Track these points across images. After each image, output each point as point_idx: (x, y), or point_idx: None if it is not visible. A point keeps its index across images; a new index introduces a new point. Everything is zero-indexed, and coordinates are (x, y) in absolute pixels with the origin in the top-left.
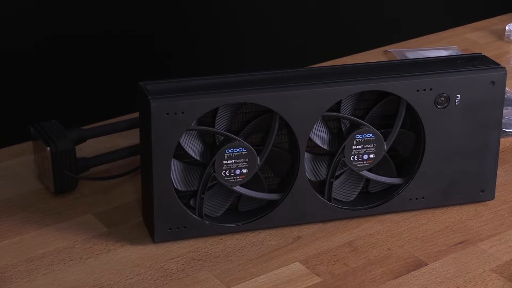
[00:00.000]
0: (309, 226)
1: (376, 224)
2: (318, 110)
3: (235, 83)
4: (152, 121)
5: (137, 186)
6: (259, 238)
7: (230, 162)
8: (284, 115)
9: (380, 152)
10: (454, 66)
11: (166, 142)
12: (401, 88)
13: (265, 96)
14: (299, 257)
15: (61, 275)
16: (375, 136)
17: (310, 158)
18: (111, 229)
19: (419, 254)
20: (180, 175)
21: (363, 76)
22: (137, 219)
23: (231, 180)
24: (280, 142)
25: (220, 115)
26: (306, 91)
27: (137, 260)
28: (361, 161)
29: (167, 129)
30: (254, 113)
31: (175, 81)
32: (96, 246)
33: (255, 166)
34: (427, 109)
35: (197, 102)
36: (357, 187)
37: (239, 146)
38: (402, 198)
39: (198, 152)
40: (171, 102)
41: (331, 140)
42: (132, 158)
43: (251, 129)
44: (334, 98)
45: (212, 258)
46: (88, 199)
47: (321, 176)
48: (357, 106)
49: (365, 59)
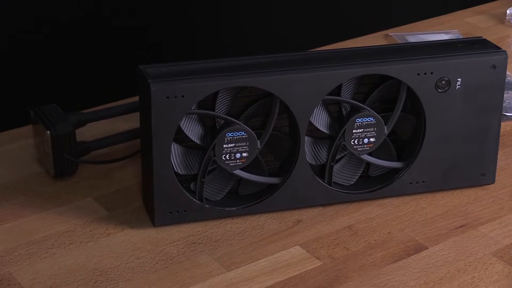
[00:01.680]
0: (309, 210)
1: (376, 208)
2: (319, 94)
3: (235, 66)
4: (152, 104)
5: (137, 169)
6: (259, 221)
7: (230, 146)
8: (285, 98)
9: (380, 136)
10: (455, 50)
11: (166, 125)
12: (401, 72)
13: (265, 80)
14: (300, 241)
15: (61, 258)
16: (376, 120)
17: (310, 142)
18: (111, 212)
19: (419, 238)
20: (180, 159)
21: (364, 60)
22: (137, 202)
23: (231, 164)
24: (281, 126)
25: (220, 98)
26: (306, 74)
27: (137, 244)
28: (361, 145)
29: (167, 112)
30: (254, 97)
31: (175, 64)
32: (96, 230)
33: (255, 150)
34: (428, 93)
35: (197, 85)
36: (358, 171)
37: (239, 130)
38: (403, 182)
39: (198, 136)
40: (171, 85)
41: (331, 124)
42: (132, 142)
43: (252, 112)
44: (334, 82)
45: (212, 242)
46: (88, 183)
47: (321, 160)
48: (357, 90)
49: (366, 43)
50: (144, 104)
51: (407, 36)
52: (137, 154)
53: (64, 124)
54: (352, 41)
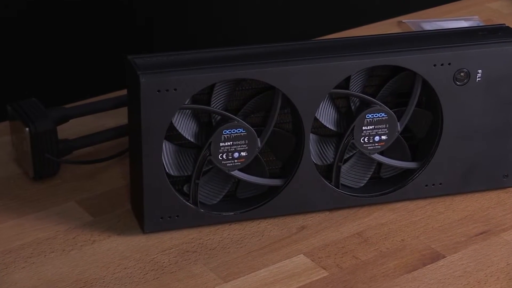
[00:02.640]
0: (314, 215)
1: (388, 213)
2: (325, 87)
3: (233, 57)
4: (141, 99)
5: (125, 170)
6: (259, 228)
7: (227, 144)
8: (287, 92)
9: (393, 133)
10: (475, 38)
11: (157, 122)
12: (416, 62)
13: (266, 72)
14: (304, 249)
15: (41, 268)
16: (388, 116)
17: (315, 140)
18: (96, 218)
19: (436, 245)
20: (172, 159)
21: (375, 50)
22: (125, 207)
23: (228, 164)
24: (283, 122)
25: (216, 92)
26: (311, 65)
27: (125, 252)
28: (372, 143)
29: (158, 107)
30: (254, 90)
31: (167, 54)
32: (79, 237)
33: (255, 149)
34: (445, 85)
35: (191, 78)
36: (368, 172)
37: (238, 127)
38: (417, 184)
39: (193, 133)
40: (163, 77)
41: (339, 120)
42: (120, 140)
43: (251, 107)
44: (342, 74)
45: (207, 250)
46: (71, 185)
47: (328, 160)
48: (368, 83)
49: (377, 31)
50: (133, 98)
51: (423, 23)
52: (125, 154)
53: (45, 121)
54: (361, 28)
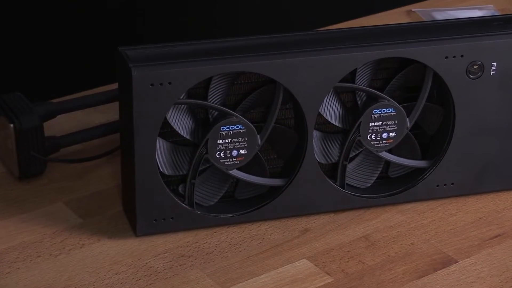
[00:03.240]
0: (318, 217)
1: (397, 215)
2: (329, 81)
3: (231, 48)
4: (133, 93)
5: (116, 170)
6: (259, 231)
7: (225, 141)
8: (289, 86)
9: (402, 130)
10: (489, 28)
11: (150, 118)
12: (427, 54)
13: (266, 64)
14: (307, 253)
15: (27, 274)
16: (396, 111)
17: (319, 137)
18: (85, 220)
19: (447, 249)
20: (166, 157)
21: (382, 41)
22: (116, 208)
23: (226, 163)
24: (285, 118)
25: (214, 86)
26: (315, 58)
27: (116, 257)
28: (379, 141)
29: (152, 102)
30: (253, 84)
31: (161, 46)
32: (68, 240)
33: (255, 147)
34: (458, 79)
35: (187, 70)
36: (375, 171)
37: (236, 123)
38: (428, 184)
39: (188, 130)
40: (156, 70)
41: (344, 116)
42: (110, 137)
43: (251, 102)
44: (348, 66)
45: (204, 255)
46: (58, 185)
47: (332, 158)
48: (375, 76)
49: (385, 21)
50: (125, 93)
51: (434, 12)
52: (116, 152)
53: (30, 117)
54: (368, 18)
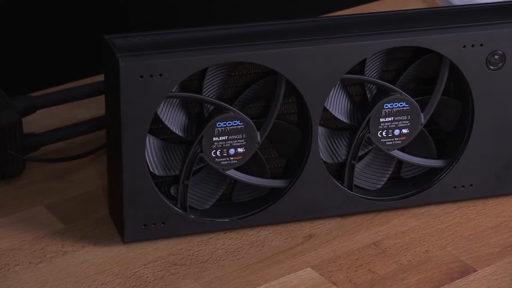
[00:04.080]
0: (323, 222)
1: (410, 219)
2: (336, 72)
3: (228, 36)
4: (121, 86)
5: (101, 170)
6: (259, 237)
7: (222, 139)
8: (292, 78)
9: (415, 126)
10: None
11: (139, 113)
12: (443, 43)
13: (267, 54)
14: (312, 262)
15: (4, 284)
16: (410, 106)
17: (325, 133)
18: (68, 225)
19: (465, 257)
20: (157, 156)
21: (395, 28)
22: (102, 212)
23: (223, 162)
24: (287, 113)
25: (209, 78)
26: (320, 47)
27: (102, 266)
28: (391, 138)
29: (141, 96)
30: (253, 76)
31: (151, 34)
32: (49, 247)
33: (255, 144)
34: (477, 70)
35: (180, 61)
36: (386, 172)
37: (234, 119)
38: (444, 185)
39: (181, 126)
40: (146, 61)
41: (352, 111)
42: (96, 134)
43: (249, 96)
44: (356, 56)
45: (199, 263)
46: (38, 187)
47: (339, 157)
48: (386, 67)
49: (398, 6)
50: (111, 86)
51: None
52: (102, 150)
53: (8, 112)
54: (379, 3)
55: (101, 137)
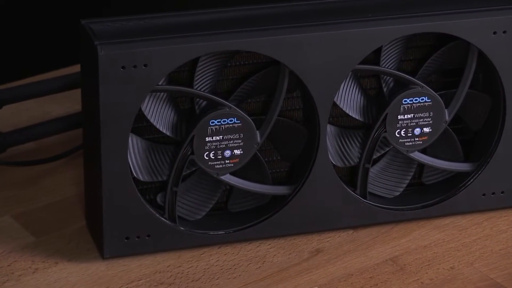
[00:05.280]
0: (333, 235)
1: (433, 232)
2: (347, 62)
3: (223, 21)
4: (100, 78)
5: (77, 174)
6: (259, 252)
7: (216, 139)
8: (297, 68)
9: (439, 124)
10: None
11: (121, 109)
12: (470, 29)
13: (268, 41)
14: (319, 280)
15: None
16: (432, 101)
17: (335, 133)
18: (39, 238)
19: (495, 275)
20: (142, 159)
21: (414, 12)
22: (78, 223)
23: (217, 166)
24: (291, 109)
25: (201, 69)
26: (329, 33)
27: (78, 285)
28: (411, 138)
29: (123, 89)
30: (251, 67)
31: (135, 18)
32: (17, 264)
33: (254, 145)
34: (509, 59)
35: (167, 49)
36: (405, 177)
37: (230, 116)
38: (472, 192)
39: (169, 124)
40: (128, 49)
41: (366, 107)
42: (71, 133)
43: (248, 90)
44: (371, 44)
45: (189, 282)
46: (5, 194)
47: (351, 160)
48: (405, 56)
49: None
50: (89, 77)
51: None
52: (78, 152)
53: None
54: None
55: (77, 137)
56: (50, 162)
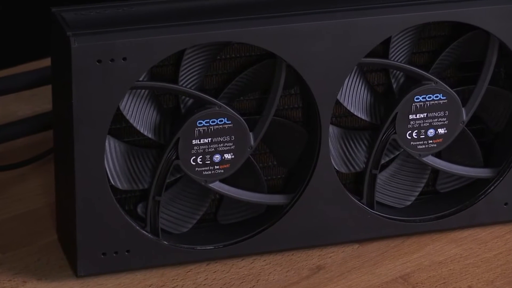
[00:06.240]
0: (336, 250)
1: (448, 246)
2: (352, 55)
3: (212, 9)
4: (73, 73)
5: (48, 182)
6: (253, 269)
7: (204, 141)
8: (295, 62)
9: (455, 125)
10: None
11: (97, 108)
12: (491, 17)
13: (263, 31)
14: None
15: None
16: (448, 98)
17: (338, 134)
18: (5, 254)
19: None
20: (120, 164)
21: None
22: (49, 237)
23: (206, 172)
24: (289, 108)
25: (187, 63)
26: (331, 22)
27: None
28: (424, 140)
29: (99, 86)
30: (244, 60)
31: (112, 5)
32: None
33: (247, 149)
34: None
35: (148, 41)
36: (418, 184)
37: (220, 115)
38: (493, 202)
39: (151, 125)
40: (105, 41)
41: (373, 105)
42: (40, 136)
43: (240, 86)
44: (378, 34)
45: None
46: None
47: (356, 166)
48: (417, 49)
49: None
50: (61, 73)
51: None
52: (49, 156)
53: None
54: None
55: (47, 140)
56: (17, 168)
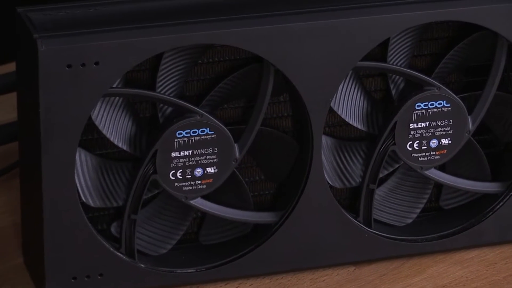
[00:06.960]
0: (330, 272)
1: (453, 268)
2: (347, 58)
3: (193, 8)
4: (40, 79)
5: (13, 198)
6: None
7: (184, 154)
8: (284, 67)
9: (460, 134)
10: None
11: (66, 117)
12: (499, 16)
13: (249, 32)
14: None
15: None
16: (452, 106)
17: (332, 146)
18: None
19: None
20: (92, 179)
21: None
22: (15, 260)
23: (186, 188)
24: (277, 116)
25: (165, 67)
26: (324, 22)
27: None
28: (426, 152)
29: (69, 93)
30: (228, 64)
31: (82, 5)
32: None
33: (231, 162)
34: None
35: (123, 43)
36: (419, 200)
37: (202, 125)
38: (502, 219)
39: (126, 136)
40: (76, 43)
41: (370, 113)
42: (4, 148)
43: (224, 93)
44: (376, 35)
45: None
46: None
47: (352, 180)
48: (418, 51)
49: None
50: (27, 79)
51: None
52: (13, 171)
53: None
54: None
55: (12, 152)
56: None
